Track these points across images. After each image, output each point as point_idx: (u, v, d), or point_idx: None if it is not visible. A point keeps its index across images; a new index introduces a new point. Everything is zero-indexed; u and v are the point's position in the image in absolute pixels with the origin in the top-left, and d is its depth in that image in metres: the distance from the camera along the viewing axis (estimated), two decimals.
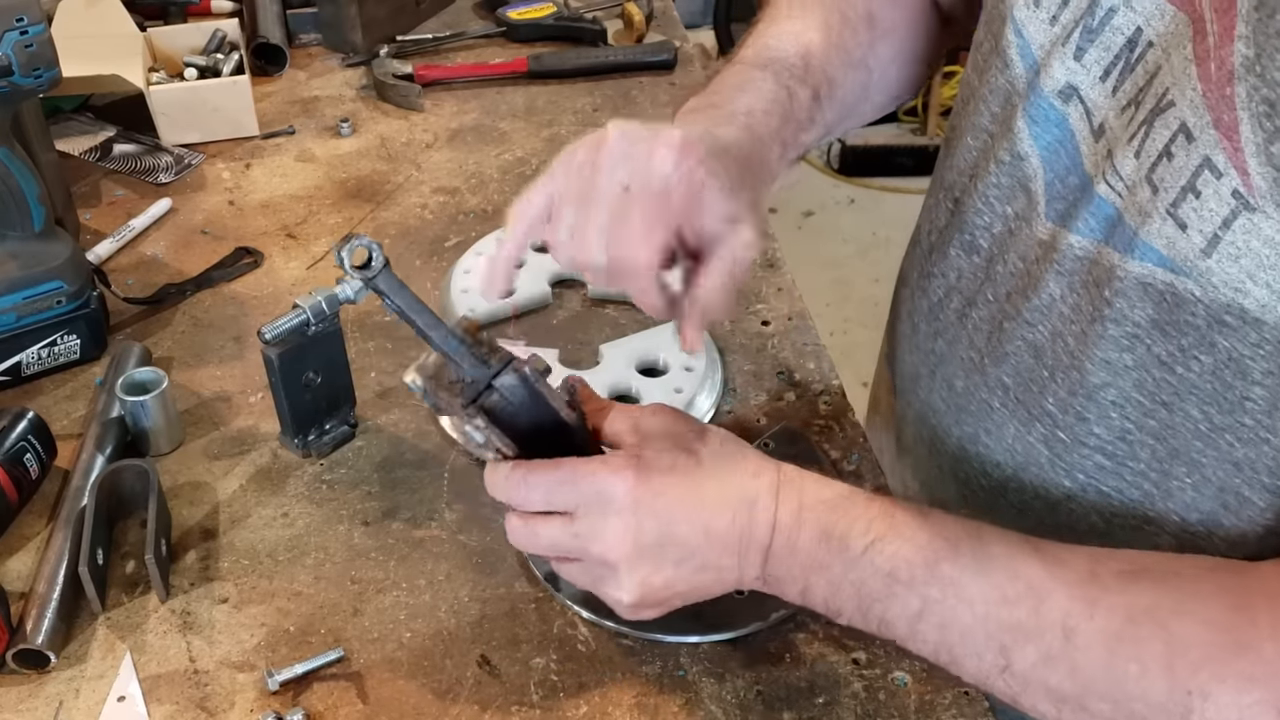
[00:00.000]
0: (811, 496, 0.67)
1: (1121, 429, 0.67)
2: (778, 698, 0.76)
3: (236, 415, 0.97)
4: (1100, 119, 0.64)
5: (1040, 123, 0.68)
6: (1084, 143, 0.66)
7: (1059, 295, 0.67)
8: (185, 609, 0.82)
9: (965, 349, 0.76)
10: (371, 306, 1.07)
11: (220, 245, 1.16)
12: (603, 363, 1.00)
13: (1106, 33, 0.63)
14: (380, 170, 1.27)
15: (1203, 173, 0.56)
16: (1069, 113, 0.67)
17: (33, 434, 0.88)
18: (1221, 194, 0.55)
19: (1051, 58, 0.67)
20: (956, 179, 0.77)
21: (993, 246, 0.73)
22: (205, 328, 1.06)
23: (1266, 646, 0.55)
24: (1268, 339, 0.57)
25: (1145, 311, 0.62)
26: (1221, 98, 0.55)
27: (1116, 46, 0.63)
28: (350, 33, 1.44)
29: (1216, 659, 0.56)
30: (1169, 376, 0.63)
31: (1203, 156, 0.56)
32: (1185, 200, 0.57)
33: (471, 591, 0.83)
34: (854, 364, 1.51)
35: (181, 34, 1.39)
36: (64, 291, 0.98)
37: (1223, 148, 0.55)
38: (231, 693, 0.76)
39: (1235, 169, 0.54)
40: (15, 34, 0.89)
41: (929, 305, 0.80)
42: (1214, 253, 0.56)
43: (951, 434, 0.78)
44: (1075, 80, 0.66)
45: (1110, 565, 0.61)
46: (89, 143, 1.30)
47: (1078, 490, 0.71)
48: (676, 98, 1.38)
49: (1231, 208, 0.55)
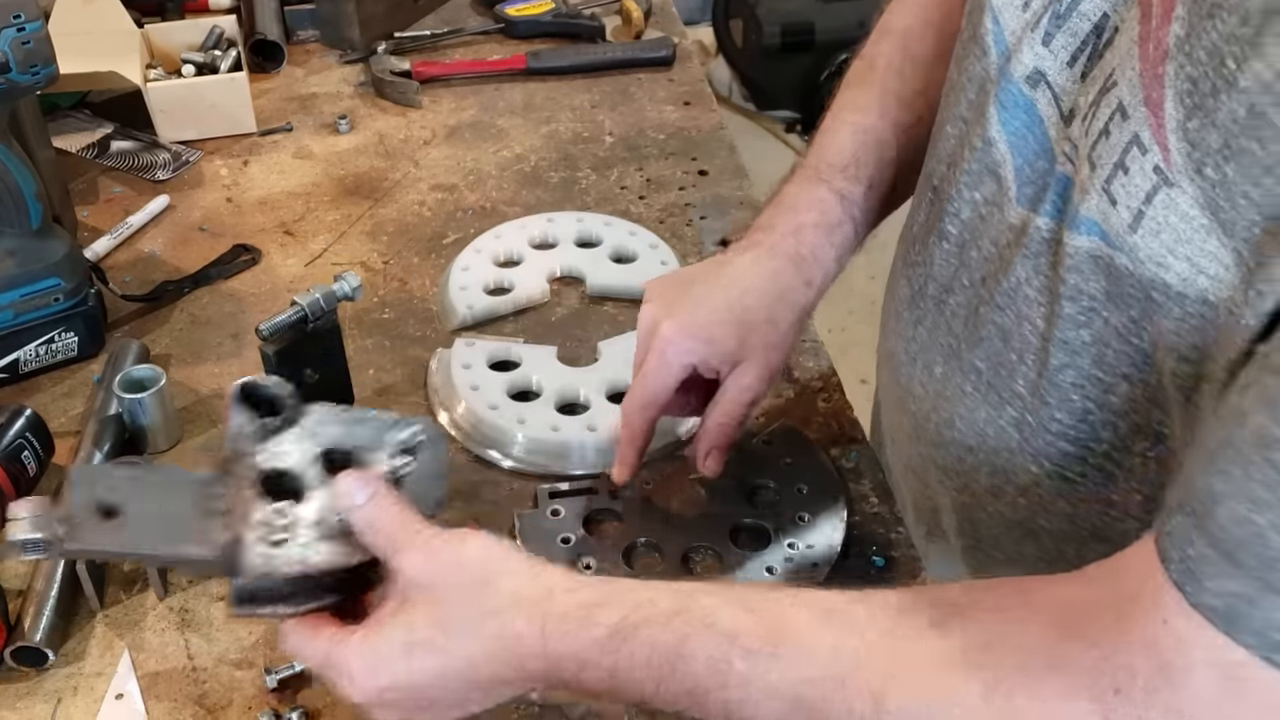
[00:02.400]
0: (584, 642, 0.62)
1: (1083, 409, 0.68)
2: None
3: None
4: (1070, 104, 0.65)
5: (1009, 108, 0.69)
6: (1053, 128, 0.67)
7: (1025, 278, 0.68)
8: (183, 606, 0.82)
9: (943, 335, 0.77)
10: (370, 304, 1.07)
11: (218, 242, 1.16)
12: (601, 360, 1.00)
13: (1074, 19, 0.65)
14: (378, 167, 1.27)
15: (1131, 149, 0.57)
16: (1037, 98, 0.68)
17: (30, 431, 0.88)
18: (1146, 170, 0.56)
19: (1021, 43, 0.68)
20: (936, 167, 0.79)
21: (964, 233, 0.75)
22: (203, 325, 1.06)
23: (1084, 657, 0.54)
24: (1190, 313, 0.57)
25: (1099, 284, 0.63)
26: (1154, 76, 0.56)
27: (1083, 33, 0.64)
28: (348, 29, 1.44)
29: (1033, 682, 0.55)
30: (1126, 348, 0.63)
31: (1133, 133, 0.57)
32: (1116, 176, 0.59)
33: None
34: (852, 361, 1.50)
35: (179, 30, 1.39)
36: (61, 289, 0.98)
37: (1149, 124, 0.56)
38: (230, 690, 0.76)
39: (1158, 145, 0.55)
40: (12, 31, 0.88)
41: (910, 293, 0.81)
42: (1139, 228, 0.58)
43: (930, 419, 0.79)
44: (1043, 66, 0.67)
45: (917, 618, 0.59)
46: (86, 140, 1.30)
47: (1044, 476, 0.72)
48: (674, 95, 1.39)
49: (1153, 183, 0.56)
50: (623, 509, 0.88)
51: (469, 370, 0.97)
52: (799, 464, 0.92)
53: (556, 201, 1.21)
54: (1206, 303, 0.56)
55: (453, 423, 0.95)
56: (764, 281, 0.84)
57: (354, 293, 0.90)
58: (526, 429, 0.93)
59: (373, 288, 1.08)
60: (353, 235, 1.17)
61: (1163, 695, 0.52)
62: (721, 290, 0.83)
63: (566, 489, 0.89)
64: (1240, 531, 0.50)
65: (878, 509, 0.89)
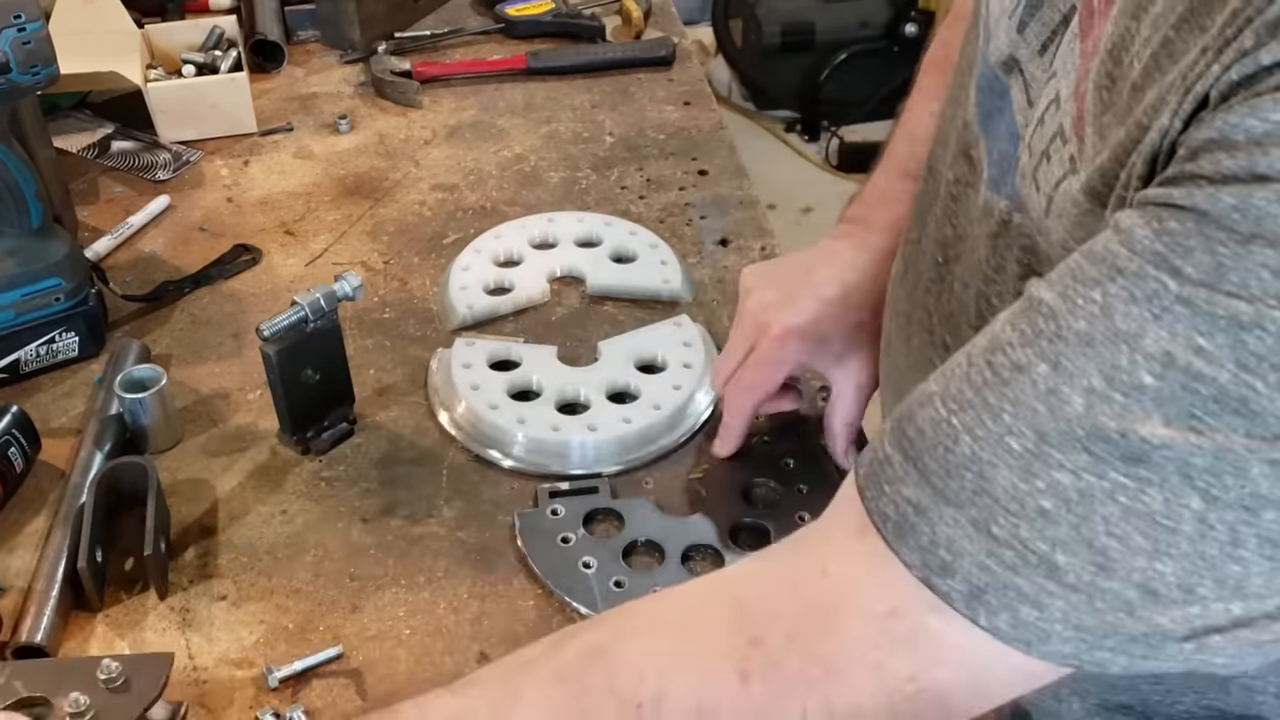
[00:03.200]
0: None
1: None
2: None
3: (235, 412, 0.97)
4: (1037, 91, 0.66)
5: (984, 91, 0.70)
6: (1020, 113, 0.67)
7: (984, 256, 0.69)
8: (184, 606, 0.82)
9: (920, 311, 0.78)
10: (370, 304, 1.07)
11: (218, 242, 1.16)
12: (601, 359, 1.00)
13: (1045, 8, 0.65)
14: (378, 167, 1.27)
15: (1055, 139, 0.58)
16: (1011, 83, 0.68)
17: (16, 428, 0.88)
18: (1063, 158, 0.57)
19: (999, 29, 0.69)
20: (934, 147, 0.79)
21: (940, 210, 0.76)
22: (204, 325, 1.06)
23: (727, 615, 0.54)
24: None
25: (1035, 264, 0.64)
26: (1085, 71, 0.56)
27: (1054, 23, 0.65)
28: (348, 29, 1.44)
29: (666, 663, 0.55)
30: None
31: (1059, 124, 0.58)
32: (1042, 164, 0.59)
33: (470, 588, 0.83)
34: None
35: (179, 30, 1.39)
36: (62, 289, 0.98)
37: (1072, 116, 0.57)
38: (230, 690, 0.77)
39: (1076, 136, 0.56)
40: (13, 31, 0.88)
41: (902, 269, 0.82)
42: (1049, 212, 0.58)
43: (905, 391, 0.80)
44: (1017, 53, 0.67)
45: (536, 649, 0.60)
46: (87, 140, 1.30)
47: None
48: (674, 94, 1.39)
49: (1064, 171, 0.57)
50: (622, 509, 0.88)
51: (469, 370, 0.98)
52: (800, 463, 0.92)
53: (557, 201, 1.21)
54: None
55: (453, 422, 0.95)
56: (867, 276, 0.86)
57: (354, 292, 0.90)
58: (526, 429, 0.93)
59: (373, 287, 1.09)
60: (353, 235, 1.17)
61: (802, 640, 0.52)
62: (828, 284, 0.86)
63: (566, 489, 0.90)
64: (933, 434, 0.49)
65: None
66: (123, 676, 0.70)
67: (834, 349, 0.86)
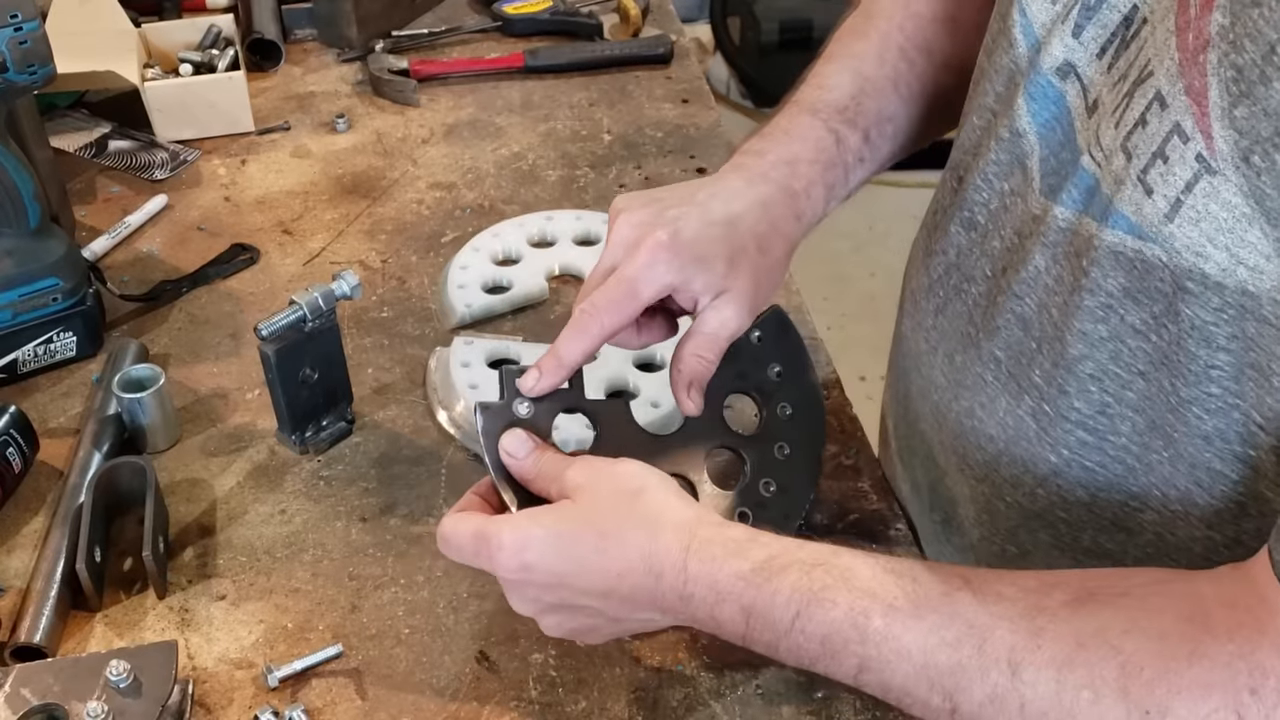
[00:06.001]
0: (726, 572, 0.65)
1: (1101, 402, 0.68)
2: (776, 693, 0.76)
3: (233, 412, 0.97)
4: (1095, 95, 0.66)
5: (1038, 100, 0.70)
6: (1078, 119, 0.67)
7: (1044, 267, 0.69)
8: (183, 606, 0.82)
9: (963, 324, 0.77)
10: (369, 303, 1.07)
11: (216, 242, 1.15)
12: (600, 357, 1.00)
13: (1104, 10, 0.65)
14: (376, 166, 1.27)
15: (1172, 138, 0.57)
16: (1066, 90, 0.68)
17: (14, 428, 0.88)
18: (1186, 158, 0.56)
19: (1052, 36, 0.68)
20: (961, 158, 0.79)
21: (989, 222, 0.75)
22: (202, 324, 1.06)
23: (1221, 652, 0.55)
24: (1229, 303, 0.57)
25: (1118, 280, 0.63)
26: (1195, 65, 0.56)
27: (1113, 24, 0.65)
28: (346, 28, 1.44)
29: (1171, 672, 0.55)
30: (1144, 345, 0.63)
31: (1173, 122, 0.57)
32: (1154, 165, 0.58)
33: (470, 587, 0.83)
34: (851, 358, 1.51)
35: (176, 30, 1.39)
36: (60, 288, 0.98)
37: (1192, 113, 0.56)
38: (230, 689, 0.76)
39: (1201, 133, 0.56)
40: (10, 30, 0.88)
41: (930, 282, 0.81)
42: (1176, 217, 0.58)
43: (951, 409, 0.79)
44: (1073, 58, 0.67)
45: (1055, 595, 0.60)
46: (84, 139, 1.30)
47: (1063, 465, 0.72)
48: (672, 92, 1.39)
49: (1194, 171, 0.56)
50: (602, 430, 0.80)
51: (468, 369, 0.97)
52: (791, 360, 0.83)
53: (555, 199, 1.21)
54: (1247, 293, 0.56)
55: (452, 421, 0.95)
56: (756, 207, 0.77)
57: (352, 291, 0.90)
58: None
59: (371, 286, 1.09)
60: (351, 234, 1.17)
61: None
62: (712, 209, 0.76)
63: None
64: None
65: (876, 506, 0.89)
66: (132, 675, 0.70)
67: (715, 271, 0.74)
